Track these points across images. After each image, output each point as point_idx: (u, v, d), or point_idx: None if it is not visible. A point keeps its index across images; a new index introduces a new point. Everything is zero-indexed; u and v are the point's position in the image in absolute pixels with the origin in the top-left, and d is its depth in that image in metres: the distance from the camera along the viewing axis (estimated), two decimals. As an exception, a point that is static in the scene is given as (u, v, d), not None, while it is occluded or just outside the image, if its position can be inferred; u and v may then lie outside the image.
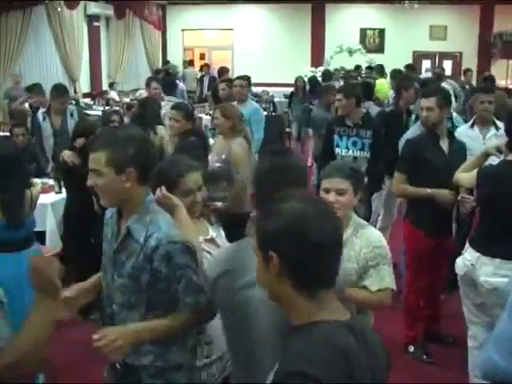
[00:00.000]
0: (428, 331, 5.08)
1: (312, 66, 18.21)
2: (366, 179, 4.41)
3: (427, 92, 4.97)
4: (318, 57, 19.37)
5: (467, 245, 4.00)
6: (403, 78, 8.57)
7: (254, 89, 13.31)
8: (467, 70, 14.19)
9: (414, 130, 5.55)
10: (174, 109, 5.83)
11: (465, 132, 5.36)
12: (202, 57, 21.38)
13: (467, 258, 3.92)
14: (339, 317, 1.67)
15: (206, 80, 17.08)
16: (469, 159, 4.43)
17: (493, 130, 5.35)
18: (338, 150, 5.82)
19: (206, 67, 17.82)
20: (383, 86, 11.69)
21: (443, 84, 9.58)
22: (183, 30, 21.31)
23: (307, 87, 12.63)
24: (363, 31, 19.76)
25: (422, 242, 4.70)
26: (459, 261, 4.01)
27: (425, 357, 4.90)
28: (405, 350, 4.93)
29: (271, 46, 19.90)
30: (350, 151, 5.77)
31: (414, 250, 4.80)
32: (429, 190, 4.55)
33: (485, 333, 4.06)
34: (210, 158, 5.36)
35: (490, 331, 3.99)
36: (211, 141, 6.88)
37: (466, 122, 6.14)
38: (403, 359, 4.75)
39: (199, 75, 17.77)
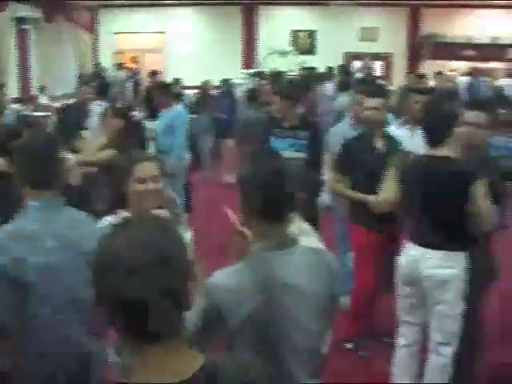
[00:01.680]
0: (363, 328, 5.14)
1: (245, 68, 18.25)
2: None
3: (374, 92, 5.08)
4: (250, 59, 19.43)
5: (407, 241, 4.03)
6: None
7: (187, 91, 13.25)
8: (422, 76, 13.85)
9: (342, 126, 5.83)
10: (109, 109, 6.08)
11: (396, 131, 5.46)
12: (134, 60, 21.12)
13: (410, 254, 3.94)
14: (169, 378, 1.37)
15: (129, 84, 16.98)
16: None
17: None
18: None
19: (125, 70, 17.68)
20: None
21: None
22: (115, 34, 20.98)
23: (213, 93, 11.98)
24: (295, 33, 19.89)
25: (366, 237, 4.78)
26: (401, 258, 4.02)
27: (362, 353, 4.97)
28: (342, 346, 4.98)
29: (203, 48, 19.80)
30: (287, 153, 5.77)
31: (361, 246, 4.86)
32: (360, 195, 4.63)
33: (417, 333, 4.11)
34: None
35: (421, 331, 4.09)
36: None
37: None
38: (339, 357, 4.77)
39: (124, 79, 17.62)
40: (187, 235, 3.16)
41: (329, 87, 11.02)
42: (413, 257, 3.90)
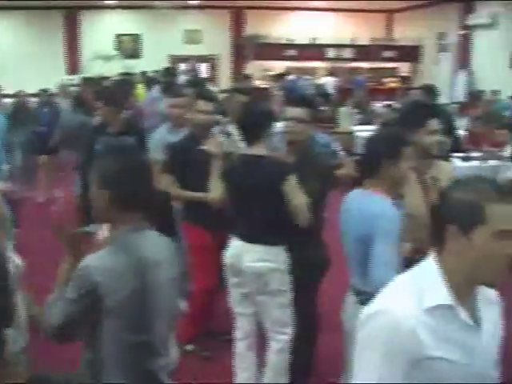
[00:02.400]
0: (203, 329, 5.16)
1: (69, 73, 17.76)
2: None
3: (204, 95, 5.16)
4: (74, 64, 18.92)
5: (232, 236, 4.12)
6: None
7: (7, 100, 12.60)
8: (283, 75, 13.52)
9: (161, 130, 5.77)
10: None
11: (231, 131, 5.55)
12: None
13: (232, 248, 4.05)
14: None
15: None
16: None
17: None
18: None
19: None
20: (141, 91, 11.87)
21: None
22: None
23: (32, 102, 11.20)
24: (119, 37, 19.68)
25: (201, 237, 4.79)
26: (226, 252, 4.11)
27: (204, 353, 5.00)
28: (182, 349, 4.94)
29: (25, 54, 18.93)
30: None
31: (199, 246, 4.84)
32: (199, 195, 4.65)
33: (251, 324, 4.20)
34: None
35: (255, 322, 4.20)
36: None
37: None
38: (181, 359, 4.73)
39: None
40: (10, 247, 3.04)
41: (156, 90, 10.96)
42: (235, 250, 4.02)
